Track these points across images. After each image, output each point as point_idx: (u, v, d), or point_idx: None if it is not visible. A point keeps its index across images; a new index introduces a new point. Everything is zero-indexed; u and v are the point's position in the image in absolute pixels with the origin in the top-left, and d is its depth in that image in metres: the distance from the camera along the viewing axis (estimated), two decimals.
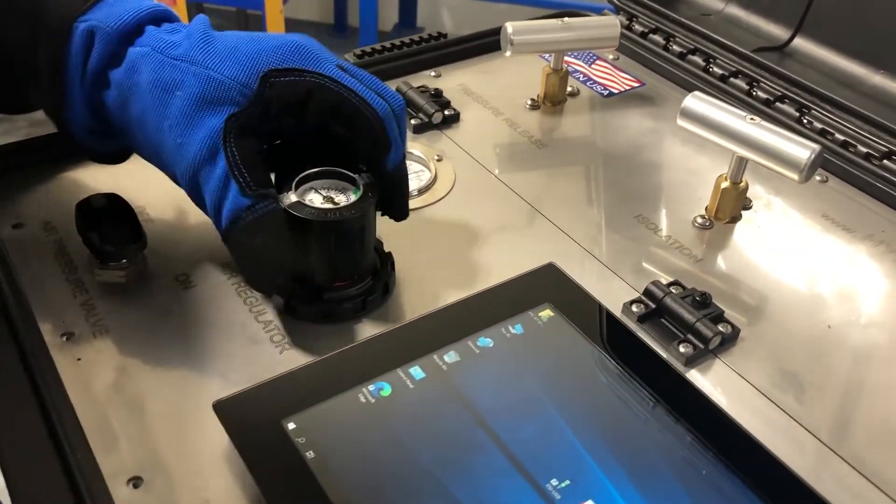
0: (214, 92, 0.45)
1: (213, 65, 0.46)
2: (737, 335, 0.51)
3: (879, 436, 0.46)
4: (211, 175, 0.45)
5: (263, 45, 0.47)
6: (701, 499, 0.40)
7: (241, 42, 0.47)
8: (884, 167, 0.65)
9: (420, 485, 0.40)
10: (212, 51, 0.46)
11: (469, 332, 0.48)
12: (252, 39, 0.47)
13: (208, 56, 0.46)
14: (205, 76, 0.45)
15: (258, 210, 0.44)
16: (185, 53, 0.46)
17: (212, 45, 0.47)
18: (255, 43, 0.47)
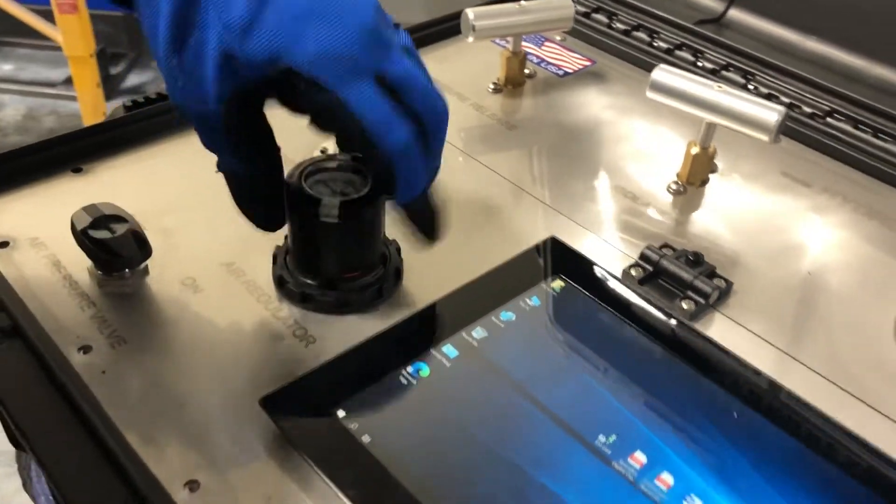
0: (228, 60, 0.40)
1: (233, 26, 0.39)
2: (730, 288, 0.55)
3: (866, 362, 0.51)
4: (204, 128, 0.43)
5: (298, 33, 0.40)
6: (736, 438, 0.43)
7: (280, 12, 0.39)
8: (828, 125, 0.70)
9: (476, 455, 0.42)
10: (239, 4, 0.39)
11: (491, 309, 0.50)
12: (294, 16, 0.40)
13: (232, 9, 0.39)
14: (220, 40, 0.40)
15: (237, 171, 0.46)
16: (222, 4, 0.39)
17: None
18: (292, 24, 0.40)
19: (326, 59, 0.40)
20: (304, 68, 0.40)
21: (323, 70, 0.40)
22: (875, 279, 0.57)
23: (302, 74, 0.40)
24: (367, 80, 0.41)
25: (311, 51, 0.39)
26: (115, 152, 0.64)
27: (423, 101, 0.43)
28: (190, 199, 0.60)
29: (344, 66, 0.40)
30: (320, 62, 0.40)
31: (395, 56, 0.42)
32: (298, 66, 0.40)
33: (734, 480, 0.41)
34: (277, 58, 0.40)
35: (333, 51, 0.40)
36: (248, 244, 0.55)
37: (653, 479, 0.41)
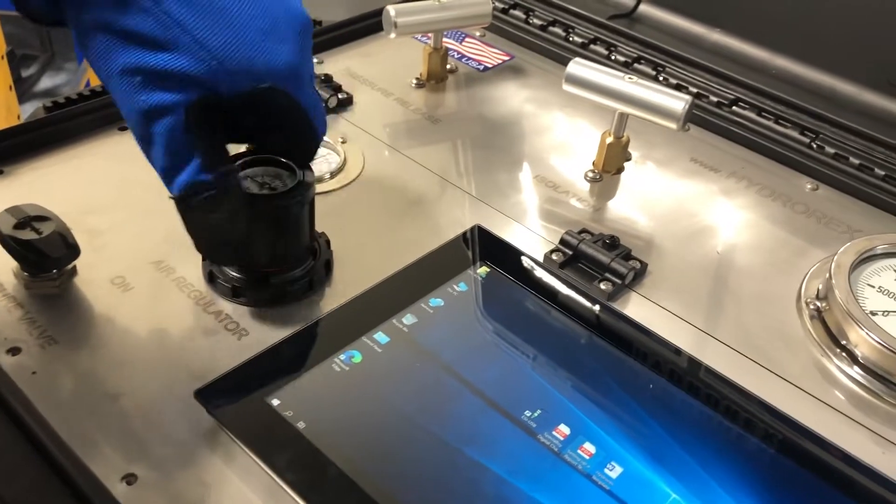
0: (204, 77, 0.42)
1: (214, 48, 0.41)
2: (645, 269, 0.58)
3: (771, 333, 0.55)
4: (170, 138, 0.43)
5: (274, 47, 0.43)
6: (651, 408, 0.46)
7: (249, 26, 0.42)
8: (734, 113, 0.74)
9: (409, 434, 0.44)
10: (214, 28, 0.41)
11: (420, 295, 0.52)
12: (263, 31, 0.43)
13: (210, 34, 0.41)
14: (201, 58, 0.41)
15: (221, 186, 0.44)
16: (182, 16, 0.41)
17: (214, 17, 0.41)
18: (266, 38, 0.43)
19: (297, 75, 0.45)
20: (282, 84, 0.44)
21: (296, 85, 0.45)
22: (779, 256, 0.61)
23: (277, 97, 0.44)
24: (310, 83, 0.47)
25: (285, 68, 0.44)
26: (36, 154, 0.63)
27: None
28: (116, 199, 0.60)
29: (304, 78, 0.46)
30: (294, 78, 0.45)
31: (311, 56, 0.48)
32: (277, 82, 0.44)
33: (651, 447, 0.44)
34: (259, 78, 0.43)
35: (298, 68, 0.45)
36: (177, 242, 0.56)
37: (576, 449, 0.44)
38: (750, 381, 0.50)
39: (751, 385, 0.49)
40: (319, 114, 0.48)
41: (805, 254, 0.61)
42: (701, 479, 0.43)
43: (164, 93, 0.42)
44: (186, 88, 0.42)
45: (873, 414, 0.50)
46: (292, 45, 0.44)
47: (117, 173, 0.62)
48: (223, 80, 0.42)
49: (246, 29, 0.42)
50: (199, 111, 0.42)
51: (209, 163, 0.44)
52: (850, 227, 0.64)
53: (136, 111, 0.43)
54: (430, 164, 0.67)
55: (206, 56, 0.41)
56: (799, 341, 0.55)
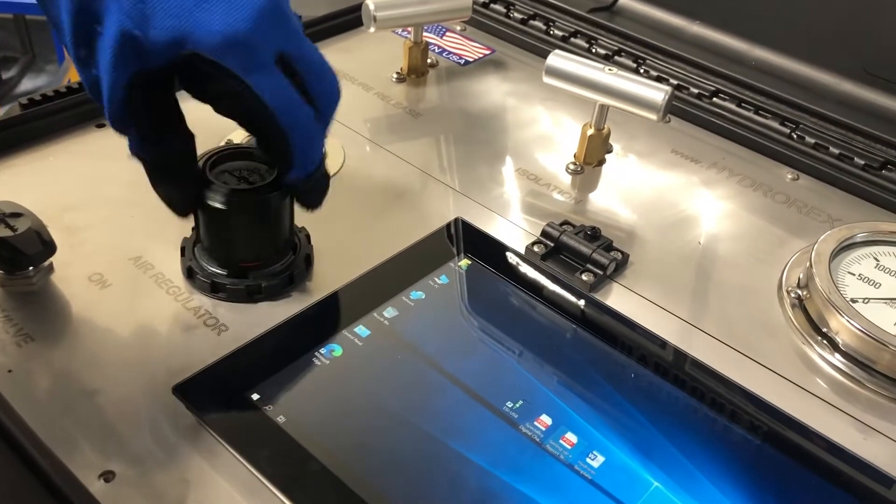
0: (131, 48, 0.40)
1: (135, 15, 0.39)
2: (626, 260, 0.58)
3: (752, 321, 0.55)
4: (114, 114, 0.42)
5: (199, 20, 0.39)
6: (633, 398, 0.46)
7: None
8: (714, 104, 0.74)
9: (391, 427, 0.44)
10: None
11: (401, 288, 0.51)
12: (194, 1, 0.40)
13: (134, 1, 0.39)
14: (122, 27, 0.39)
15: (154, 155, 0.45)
16: None
17: None
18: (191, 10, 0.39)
19: (231, 44, 0.40)
20: (210, 54, 0.40)
21: (228, 56, 0.40)
22: (760, 245, 0.61)
23: (206, 60, 0.40)
24: (269, 65, 0.41)
25: (216, 36, 0.39)
26: (12, 151, 0.62)
27: (320, 80, 0.44)
28: (92, 195, 0.59)
29: (248, 51, 0.40)
30: (225, 48, 0.40)
31: (295, 35, 0.43)
32: (204, 51, 0.40)
33: (634, 437, 0.44)
34: (182, 42, 0.40)
35: (237, 35, 0.40)
36: (155, 238, 0.56)
37: (558, 439, 0.43)
38: (732, 370, 0.50)
39: (733, 374, 0.49)
40: (284, 106, 0.43)
41: (786, 243, 0.62)
42: (684, 467, 0.43)
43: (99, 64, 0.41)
44: (117, 68, 0.40)
45: (855, 401, 0.50)
46: (242, 14, 0.39)
47: (94, 170, 0.62)
48: (144, 47, 0.40)
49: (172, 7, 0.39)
50: (134, 90, 0.41)
51: (141, 143, 0.44)
52: (831, 216, 0.65)
53: (83, 78, 0.43)
54: (411, 158, 0.67)
55: (126, 21, 0.39)
56: (780, 330, 0.55)
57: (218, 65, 0.40)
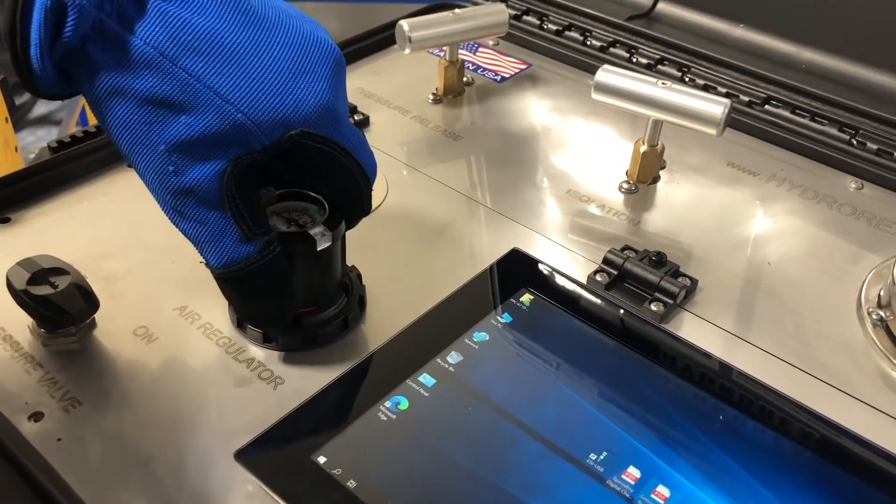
0: (233, 134, 0.39)
1: (236, 100, 0.38)
2: (695, 286, 0.55)
3: (834, 347, 0.51)
4: (205, 212, 0.40)
5: (300, 93, 0.40)
6: (725, 443, 0.43)
7: (274, 69, 0.39)
8: (766, 112, 0.71)
9: (467, 486, 0.41)
10: (236, 77, 0.38)
11: (463, 330, 0.49)
12: (286, 72, 0.39)
13: (232, 85, 0.38)
14: (225, 113, 0.38)
15: (264, 257, 0.42)
16: (200, 70, 0.38)
17: (237, 66, 0.38)
18: (289, 83, 0.39)
19: (329, 115, 0.41)
20: (314, 127, 0.40)
21: (329, 126, 0.41)
22: (832, 263, 0.58)
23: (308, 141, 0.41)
24: (347, 121, 0.43)
25: (316, 111, 0.40)
26: (44, 198, 0.60)
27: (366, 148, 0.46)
28: (130, 241, 0.57)
29: (338, 118, 0.42)
30: (326, 120, 0.41)
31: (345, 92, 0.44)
32: (309, 125, 0.40)
33: (727, 484, 0.41)
34: (288, 124, 0.40)
35: (331, 106, 0.41)
36: (200, 284, 0.53)
37: (649, 493, 0.40)
38: (818, 401, 0.47)
39: (820, 406, 0.46)
40: (367, 156, 0.44)
41: (859, 259, 0.58)
42: None
43: (192, 161, 0.39)
44: (216, 152, 0.39)
45: None
46: (323, 83, 0.40)
47: (130, 213, 0.59)
48: (251, 133, 0.39)
49: (269, 73, 0.39)
50: (234, 177, 0.39)
51: (251, 233, 0.41)
52: None
53: (164, 184, 0.40)
54: (455, 183, 0.64)
55: (230, 109, 0.38)
56: (863, 353, 0.51)
57: (324, 138, 0.41)
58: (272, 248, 0.42)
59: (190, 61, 0.38)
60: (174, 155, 0.39)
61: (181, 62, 0.37)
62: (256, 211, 0.41)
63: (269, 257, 0.42)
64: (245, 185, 0.40)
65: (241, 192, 0.40)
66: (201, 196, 0.40)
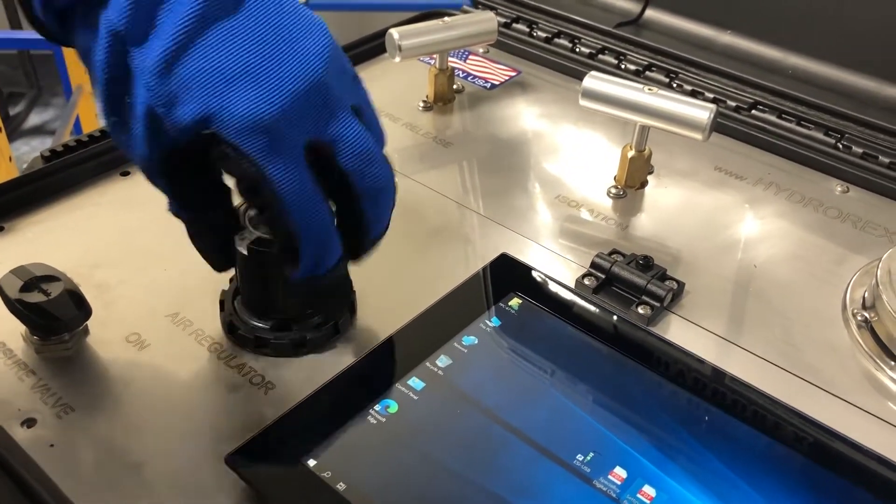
0: (156, 125, 0.38)
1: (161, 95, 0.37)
2: (682, 289, 0.55)
3: (820, 347, 0.52)
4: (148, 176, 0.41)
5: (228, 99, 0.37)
6: (711, 444, 0.44)
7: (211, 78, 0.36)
8: (753, 117, 0.72)
9: (456, 488, 0.41)
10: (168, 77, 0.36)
11: (452, 334, 0.49)
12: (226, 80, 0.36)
13: (161, 83, 0.36)
14: (148, 108, 0.37)
15: (189, 223, 0.44)
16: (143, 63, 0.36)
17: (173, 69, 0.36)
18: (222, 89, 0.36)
19: (252, 129, 0.36)
20: (230, 136, 0.37)
21: (248, 140, 0.36)
22: (818, 265, 0.59)
23: (226, 141, 0.37)
24: (293, 154, 0.38)
25: (237, 119, 0.36)
26: (37, 206, 0.60)
27: (362, 175, 0.40)
28: (123, 249, 0.57)
29: (271, 137, 0.37)
30: (246, 132, 0.36)
31: (342, 116, 0.39)
32: (224, 133, 0.37)
33: (714, 485, 0.42)
34: (206, 122, 0.37)
35: (261, 121, 0.36)
36: (192, 291, 0.53)
37: (635, 493, 0.41)
38: (805, 402, 0.47)
39: (807, 407, 0.47)
40: (308, 213, 0.39)
41: (844, 261, 0.59)
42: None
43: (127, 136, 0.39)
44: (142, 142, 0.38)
45: None
46: (273, 99, 0.36)
47: (123, 221, 0.60)
48: (164, 117, 0.37)
49: (221, 66, 0.36)
50: (161, 161, 0.40)
51: (176, 210, 0.43)
52: (888, 229, 0.62)
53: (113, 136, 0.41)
54: (445, 190, 0.65)
55: (160, 90, 0.36)
56: (848, 355, 0.52)
57: (237, 147, 0.37)
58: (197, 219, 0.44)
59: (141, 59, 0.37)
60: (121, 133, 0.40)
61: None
62: (189, 192, 0.42)
63: (193, 226, 0.45)
64: (179, 167, 0.40)
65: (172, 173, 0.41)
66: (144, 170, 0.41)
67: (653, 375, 0.48)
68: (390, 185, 0.43)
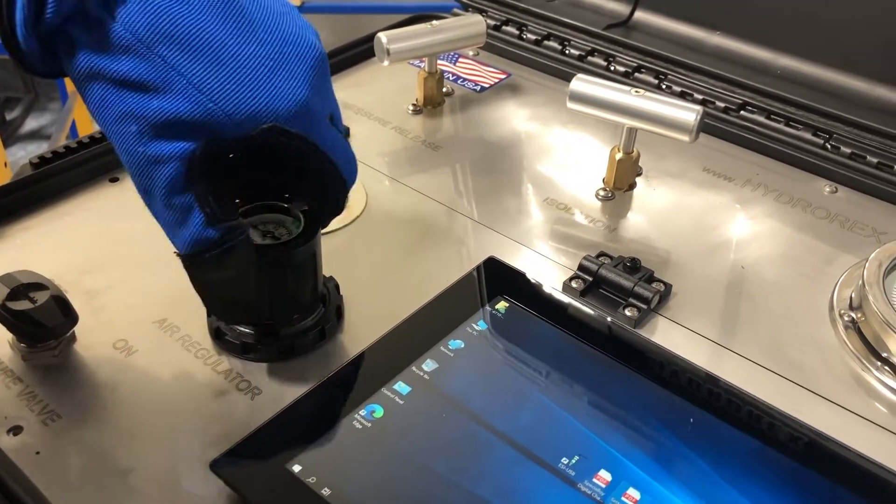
0: (203, 122, 0.39)
1: (209, 90, 0.39)
2: (669, 291, 0.55)
3: (806, 349, 0.52)
4: (172, 195, 0.40)
5: (276, 87, 0.40)
6: (696, 445, 0.44)
7: (251, 64, 0.40)
8: (742, 117, 0.72)
9: (442, 493, 0.41)
10: (211, 68, 0.39)
11: (439, 338, 0.49)
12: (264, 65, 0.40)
13: (206, 75, 0.39)
14: (196, 101, 0.39)
15: (227, 243, 0.42)
16: (175, 58, 0.38)
17: (212, 57, 0.39)
18: (267, 77, 0.40)
19: (304, 114, 0.41)
20: (286, 124, 0.40)
21: (303, 124, 0.41)
22: (806, 265, 0.59)
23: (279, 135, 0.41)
24: (325, 123, 0.43)
25: (290, 107, 0.40)
26: (26, 213, 0.61)
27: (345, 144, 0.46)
28: (111, 255, 0.57)
29: (316, 117, 0.42)
30: (300, 117, 0.41)
31: (331, 94, 0.45)
32: (280, 121, 0.40)
33: (699, 488, 0.42)
34: (258, 117, 0.40)
35: (308, 105, 0.41)
36: (179, 297, 0.53)
37: (619, 496, 0.41)
38: (791, 403, 0.48)
39: (793, 408, 0.47)
40: (345, 158, 0.45)
41: (832, 261, 0.59)
42: None
43: (161, 142, 0.39)
44: (185, 136, 0.39)
45: None
46: (300, 82, 0.41)
47: (111, 228, 0.60)
48: (222, 123, 0.39)
49: (246, 67, 0.39)
50: (201, 161, 0.40)
51: (214, 217, 0.41)
52: (876, 229, 0.62)
53: (134, 163, 0.40)
54: (434, 193, 0.65)
55: (203, 99, 0.39)
56: (835, 355, 0.52)
57: (295, 135, 0.41)
58: (237, 233, 0.42)
59: (166, 49, 0.38)
60: (145, 136, 0.39)
61: (157, 49, 0.38)
62: (224, 199, 0.42)
63: (233, 242, 0.42)
64: (214, 176, 0.41)
65: (208, 177, 0.41)
66: (169, 177, 0.40)
67: (639, 378, 0.48)
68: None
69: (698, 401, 0.46)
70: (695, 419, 0.45)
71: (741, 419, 0.45)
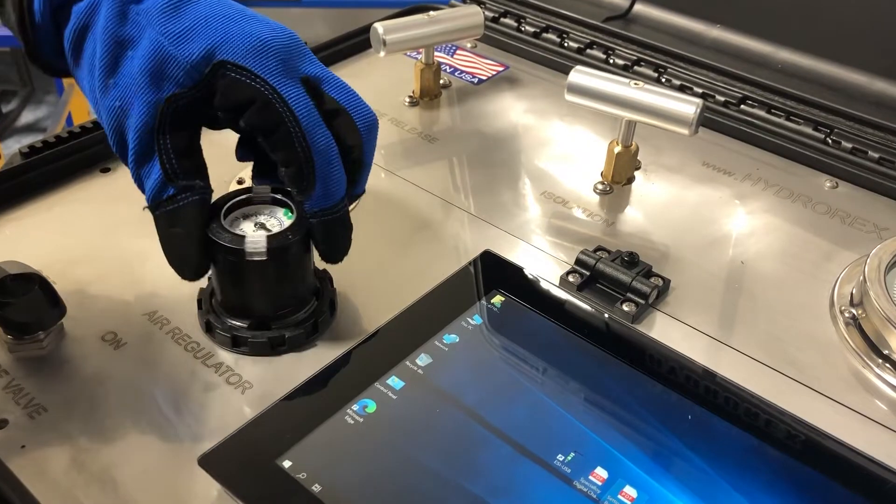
0: (163, 66, 0.42)
1: (171, 33, 0.42)
2: (668, 286, 0.55)
3: (806, 345, 0.51)
4: (139, 148, 0.43)
5: (232, 30, 0.42)
6: (692, 441, 0.43)
7: (214, 18, 0.42)
8: (742, 111, 0.71)
9: (435, 490, 0.40)
10: (177, 16, 0.42)
11: (433, 332, 0.48)
12: (226, 18, 0.42)
13: (170, 21, 0.42)
14: (158, 45, 0.41)
15: (178, 201, 0.43)
16: (148, 8, 0.42)
17: (180, 10, 0.42)
18: (225, 24, 0.42)
19: (264, 49, 0.42)
20: (242, 60, 0.41)
21: (261, 60, 0.41)
22: (806, 261, 0.58)
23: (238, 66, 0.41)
24: (296, 79, 0.43)
25: (252, 39, 0.42)
26: (15, 203, 0.60)
27: (352, 100, 0.46)
28: (101, 246, 0.57)
29: (277, 60, 0.42)
30: (258, 52, 0.41)
31: (318, 63, 0.45)
32: (237, 56, 0.41)
33: (696, 486, 0.41)
34: (212, 54, 0.41)
35: (270, 43, 0.42)
36: (170, 290, 0.53)
37: (616, 494, 0.40)
38: (791, 399, 0.47)
39: (792, 404, 0.46)
40: (317, 132, 0.43)
41: (833, 257, 0.58)
42: None
43: (133, 102, 0.42)
44: (153, 87, 0.42)
45: None
46: (278, 28, 0.43)
47: (102, 218, 0.59)
48: (180, 64, 0.41)
49: (212, 15, 0.42)
50: (166, 115, 0.42)
51: (173, 174, 0.43)
52: (877, 225, 0.61)
53: (112, 126, 0.43)
54: (430, 186, 0.64)
55: (163, 41, 0.41)
56: (836, 352, 0.51)
57: (250, 69, 0.41)
58: (190, 194, 0.43)
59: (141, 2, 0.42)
60: (119, 89, 0.42)
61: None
62: (185, 156, 0.43)
63: (185, 202, 0.43)
64: (180, 127, 0.43)
65: (173, 133, 0.42)
66: (139, 132, 0.42)
67: (636, 374, 0.47)
68: (376, 125, 0.47)
69: (696, 397, 0.46)
70: (693, 416, 0.44)
71: (740, 416, 0.45)
